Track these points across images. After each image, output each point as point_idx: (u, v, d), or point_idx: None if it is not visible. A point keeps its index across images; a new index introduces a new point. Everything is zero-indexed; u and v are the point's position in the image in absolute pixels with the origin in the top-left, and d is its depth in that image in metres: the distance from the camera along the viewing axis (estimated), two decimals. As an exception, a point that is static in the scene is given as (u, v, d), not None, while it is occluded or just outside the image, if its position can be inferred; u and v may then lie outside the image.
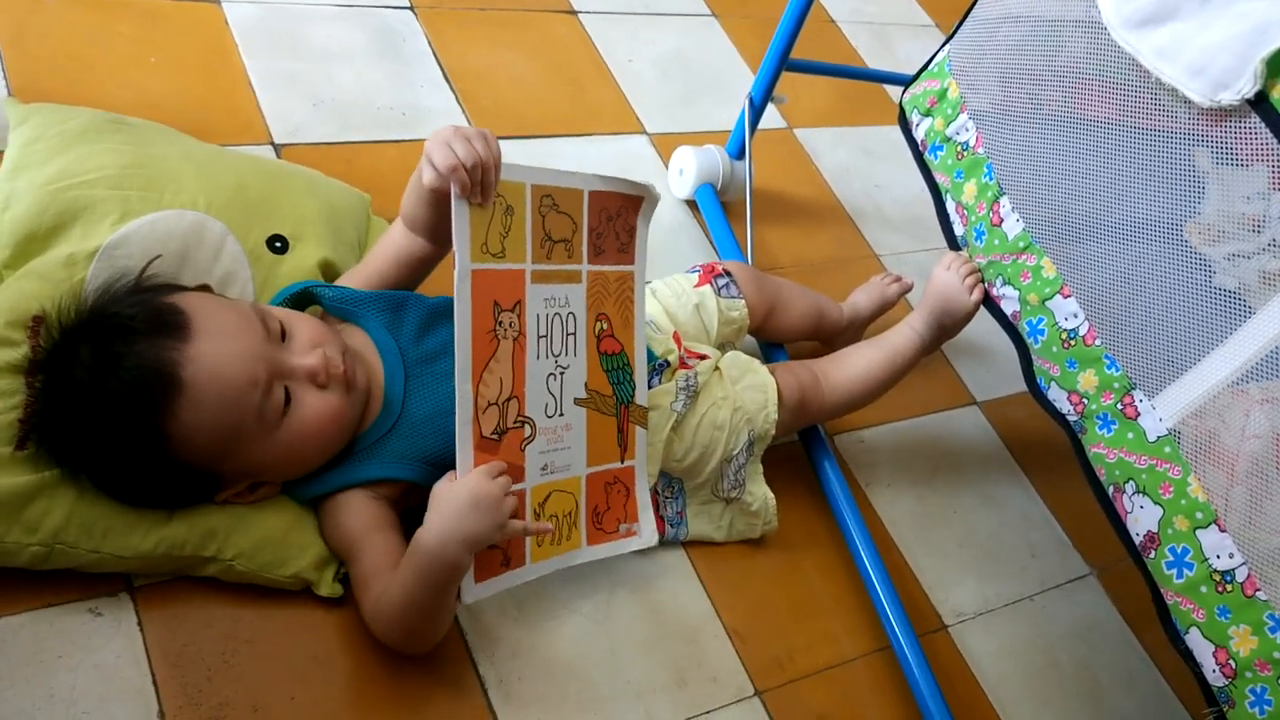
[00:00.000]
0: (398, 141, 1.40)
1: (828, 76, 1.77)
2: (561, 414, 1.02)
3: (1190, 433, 0.93)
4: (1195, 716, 1.25)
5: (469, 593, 0.92)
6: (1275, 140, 0.85)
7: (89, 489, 0.89)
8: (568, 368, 1.03)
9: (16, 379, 0.90)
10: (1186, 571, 0.92)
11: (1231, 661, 0.89)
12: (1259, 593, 0.88)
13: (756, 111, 1.51)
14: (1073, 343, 1.04)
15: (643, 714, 1.03)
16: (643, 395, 1.10)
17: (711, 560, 1.17)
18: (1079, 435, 1.04)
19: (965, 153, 1.18)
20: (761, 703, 1.08)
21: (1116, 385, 1.00)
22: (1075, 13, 1.02)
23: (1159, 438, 0.95)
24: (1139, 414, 0.97)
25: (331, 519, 0.97)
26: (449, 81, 1.51)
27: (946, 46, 1.25)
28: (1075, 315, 1.04)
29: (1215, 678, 0.91)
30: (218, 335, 0.88)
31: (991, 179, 1.15)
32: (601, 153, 1.54)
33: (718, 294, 1.24)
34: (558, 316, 1.02)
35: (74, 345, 0.88)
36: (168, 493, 0.91)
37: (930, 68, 1.27)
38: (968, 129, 1.18)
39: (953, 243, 1.23)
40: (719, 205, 1.51)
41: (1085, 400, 1.02)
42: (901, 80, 1.43)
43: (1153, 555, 0.95)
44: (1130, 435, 0.98)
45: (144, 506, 0.90)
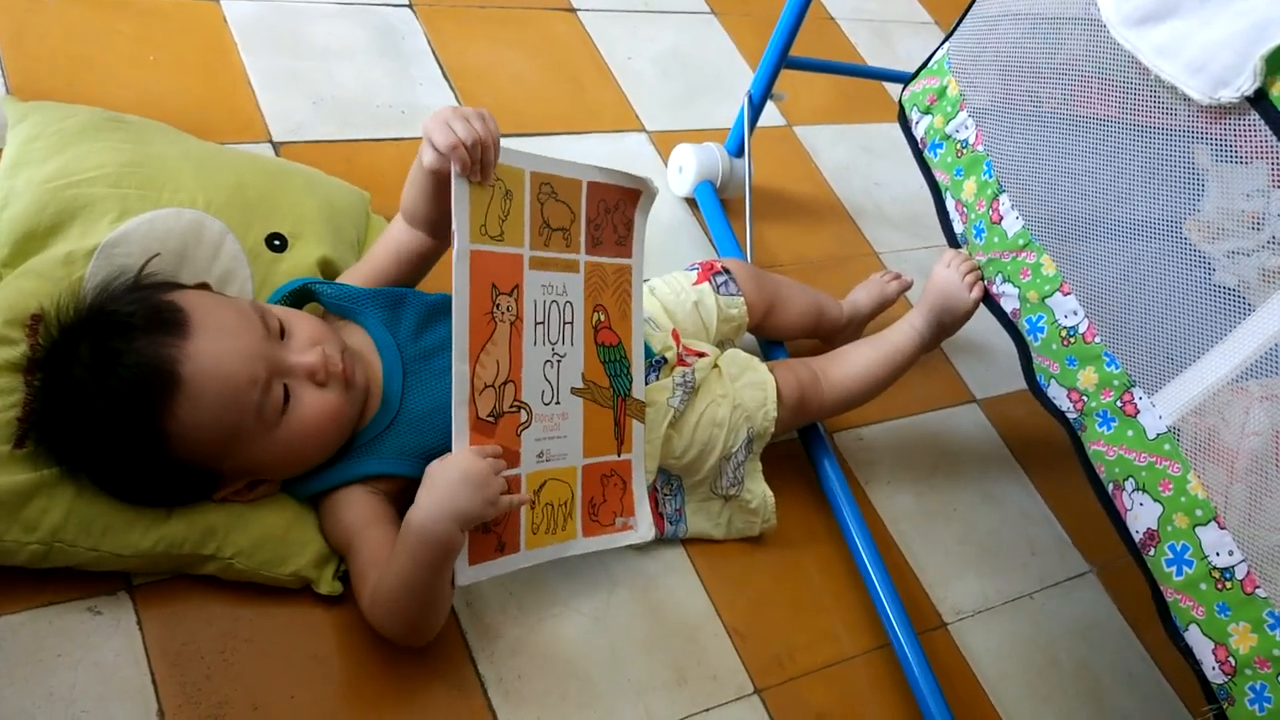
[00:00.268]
0: (397, 140, 1.40)
1: (827, 74, 1.77)
2: (558, 402, 1.02)
3: (1190, 430, 0.93)
4: (1195, 714, 1.24)
5: (463, 574, 0.92)
6: (1275, 137, 0.85)
7: (88, 487, 0.89)
8: (564, 356, 1.03)
9: (15, 377, 0.90)
10: (1186, 569, 0.92)
11: (1231, 659, 0.89)
12: (1258, 590, 0.88)
13: (756, 109, 1.50)
14: (1072, 340, 1.04)
15: (642, 712, 1.03)
16: (640, 389, 1.10)
17: (711, 558, 1.17)
18: (1079, 433, 1.04)
19: (965, 150, 1.18)
20: (761, 701, 1.08)
21: (1116, 383, 1.00)
22: (1074, 10, 1.02)
23: (1158, 435, 0.95)
24: (1138, 411, 0.97)
25: (331, 515, 0.97)
26: (448, 79, 1.51)
27: (946, 44, 1.25)
28: (1075, 313, 1.04)
29: (1215, 675, 0.91)
30: (217, 333, 0.88)
31: (991, 176, 1.14)
32: (601, 150, 1.54)
33: (716, 292, 1.24)
34: (555, 304, 1.02)
35: (73, 343, 0.88)
36: (167, 491, 0.91)
37: (930, 65, 1.27)
38: (967, 126, 1.18)
39: (952, 240, 1.23)
40: (718, 203, 1.51)
41: (1085, 398, 1.02)
42: (901, 78, 1.42)
43: (1152, 552, 0.95)
44: (1130, 433, 0.98)
45: (143, 504, 0.90)
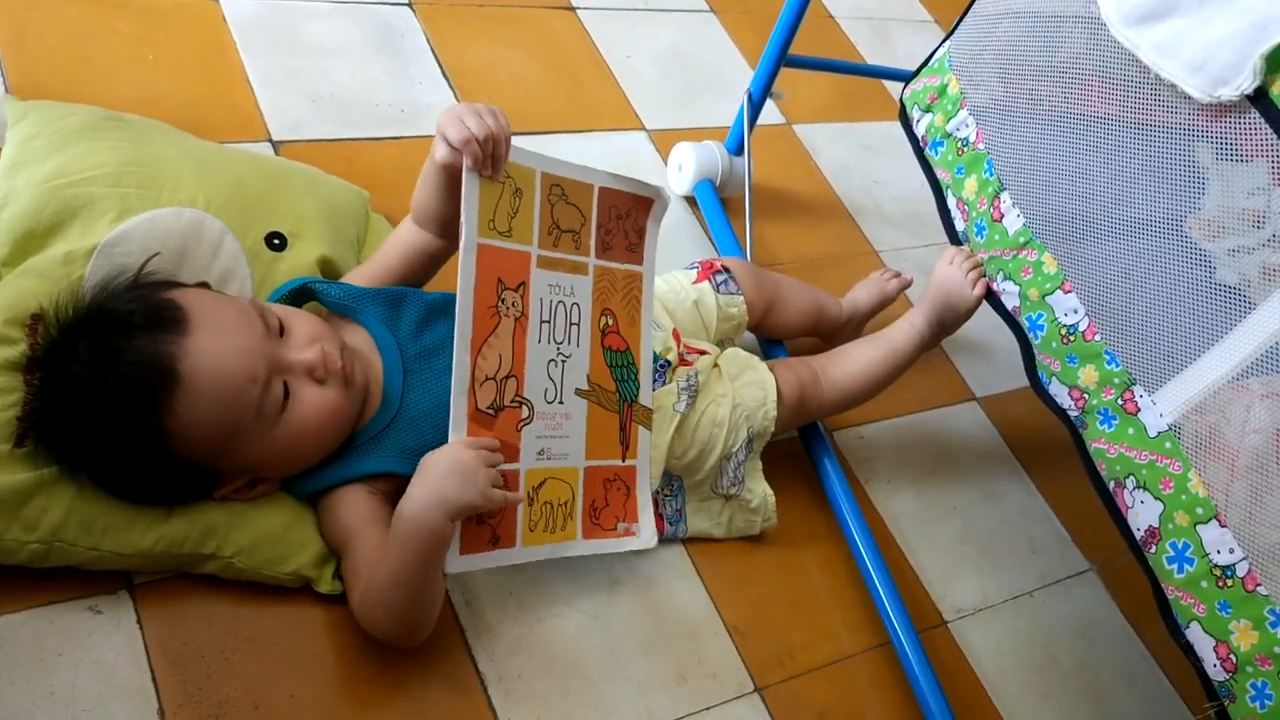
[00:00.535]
0: (397, 138, 1.40)
1: (827, 72, 1.77)
2: (561, 402, 1.02)
3: (1191, 428, 0.93)
4: (1195, 712, 1.25)
5: (453, 563, 0.91)
6: (1275, 136, 0.85)
7: (88, 486, 0.89)
8: (569, 356, 1.03)
9: (15, 376, 0.89)
10: (1187, 566, 0.92)
11: (1232, 656, 0.89)
12: (1260, 588, 0.88)
13: (755, 107, 1.50)
14: (1072, 338, 1.04)
15: (643, 711, 1.03)
16: (647, 396, 1.10)
17: (711, 557, 1.17)
18: (1080, 430, 1.04)
19: (965, 148, 1.18)
20: (761, 699, 1.08)
21: (1117, 381, 1.00)
22: (1074, 9, 1.02)
23: (1159, 433, 0.95)
24: (1139, 409, 0.97)
25: (329, 513, 0.97)
26: (447, 78, 1.51)
27: (947, 42, 1.25)
28: (1075, 311, 1.04)
29: (1216, 672, 0.91)
30: (217, 330, 0.88)
31: (992, 174, 1.14)
32: (600, 149, 1.54)
33: (716, 290, 1.24)
34: (561, 305, 1.02)
35: (72, 342, 0.88)
36: (167, 489, 0.91)
37: (930, 64, 1.27)
38: (968, 125, 1.18)
39: (954, 238, 1.23)
40: (718, 201, 1.51)
41: (1086, 395, 1.02)
42: (900, 76, 1.43)
43: (1153, 550, 0.95)
44: (1131, 431, 0.98)
45: (143, 503, 0.90)
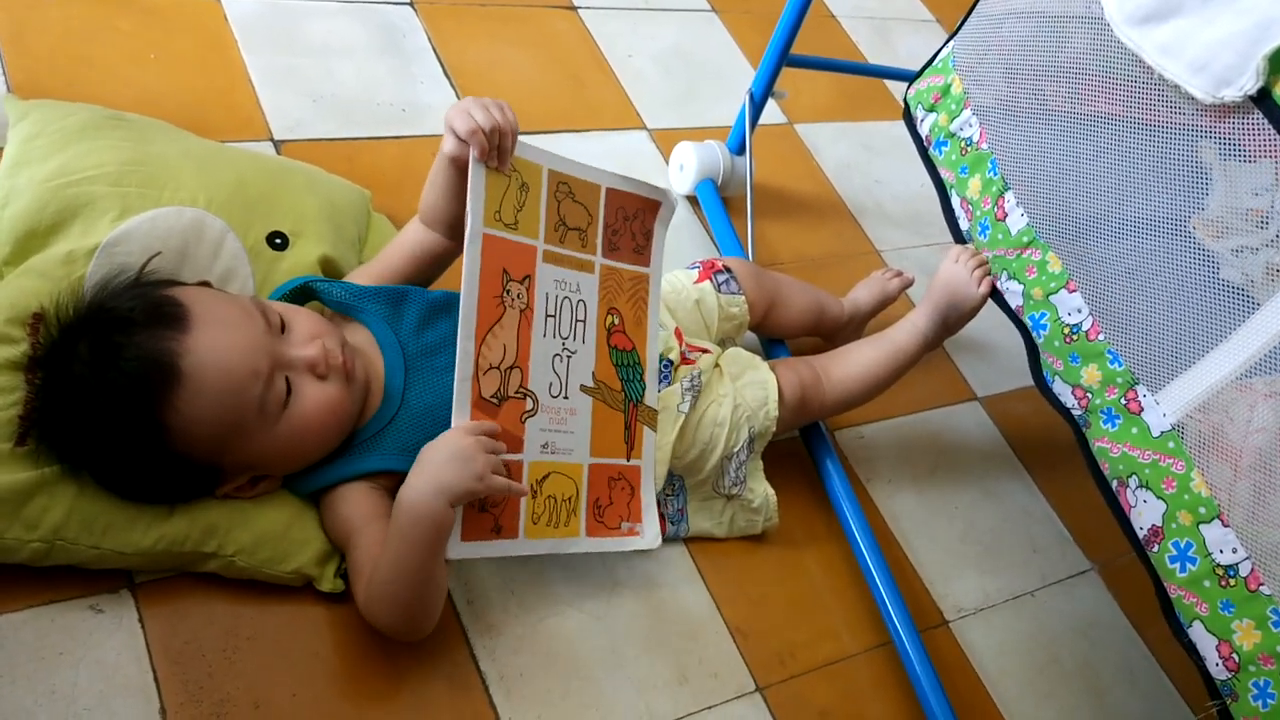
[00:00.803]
0: (398, 138, 1.40)
1: (828, 72, 1.77)
2: (566, 397, 1.02)
3: (1194, 428, 0.93)
4: (1197, 711, 1.25)
5: (454, 549, 0.91)
6: (1279, 136, 0.85)
7: (89, 485, 0.89)
8: (575, 353, 1.03)
9: (16, 376, 0.89)
10: (1190, 566, 0.92)
11: (1235, 655, 0.89)
12: (1263, 587, 0.88)
13: (757, 107, 1.50)
14: (1075, 338, 1.04)
15: (643, 710, 1.02)
16: (653, 397, 1.10)
17: (713, 557, 1.17)
18: (1083, 430, 1.04)
19: (969, 148, 1.18)
20: (763, 698, 1.08)
21: (1119, 380, 1.00)
22: (1078, 9, 1.02)
23: (1163, 433, 0.95)
24: (1143, 409, 0.97)
25: (331, 511, 0.97)
26: (449, 77, 1.51)
27: (951, 42, 1.24)
28: (1079, 310, 1.04)
29: (1218, 671, 0.91)
30: (218, 326, 0.88)
31: (996, 174, 1.14)
32: (602, 148, 1.54)
33: (717, 290, 1.24)
34: (567, 301, 1.02)
35: (73, 341, 0.88)
36: (168, 487, 0.91)
37: (934, 63, 1.27)
38: (971, 124, 1.18)
39: (958, 237, 1.23)
40: (719, 201, 1.51)
41: (1089, 395, 1.02)
42: (902, 75, 1.43)
43: (1156, 549, 0.95)
44: (1134, 430, 0.98)
45: (144, 502, 0.90)
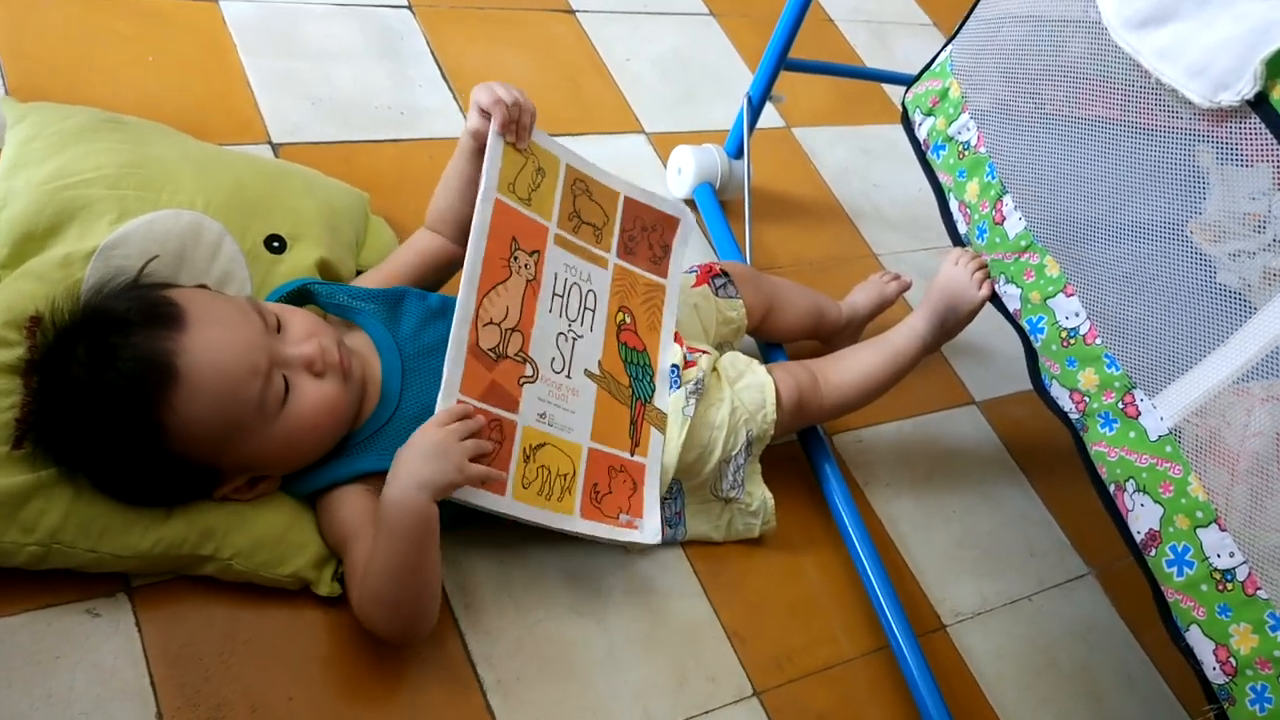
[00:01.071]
0: (396, 141, 1.40)
1: (826, 75, 1.77)
2: (569, 376, 1.02)
3: (1191, 432, 0.93)
4: (1194, 715, 1.25)
5: None
6: (1276, 140, 0.85)
7: (86, 488, 0.89)
8: (581, 337, 1.04)
9: (13, 379, 0.89)
10: (1187, 570, 0.92)
11: (1232, 659, 0.89)
12: (1260, 591, 0.88)
13: (755, 111, 1.50)
14: (1072, 341, 1.04)
15: (641, 714, 1.02)
16: (663, 401, 1.10)
17: (710, 560, 1.17)
18: (1080, 433, 1.04)
19: (967, 152, 1.18)
20: (760, 703, 1.08)
21: (1117, 384, 1.00)
22: (1076, 13, 1.02)
23: (1160, 437, 0.95)
24: (1140, 413, 0.97)
25: (328, 513, 0.97)
26: (447, 80, 1.51)
27: (949, 46, 1.25)
28: (1077, 314, 1.04)
29: (1215, 675, 0.91)
30: (215, 325, 0.88)
31: (994, 178, 1.15)
32: (600, 152, 1.54)
33: (715, 294, 1.24)
34: (577, 286, 1.03)
35: (69, 344, 0.88)
36: (166, 489, 0.90)
37: (932, 67, 1.27)
38: (969, 128, 1.18)
39: (957, 241, 1.23)
40: (717, 204, 1.51)
41: (1086, 399, 1.02)
42: (900, 79, 1.43)
43: (1153, 553, 0.95)
44: (1131, 434, 0.98)
45: (142, 504, 0.90)
